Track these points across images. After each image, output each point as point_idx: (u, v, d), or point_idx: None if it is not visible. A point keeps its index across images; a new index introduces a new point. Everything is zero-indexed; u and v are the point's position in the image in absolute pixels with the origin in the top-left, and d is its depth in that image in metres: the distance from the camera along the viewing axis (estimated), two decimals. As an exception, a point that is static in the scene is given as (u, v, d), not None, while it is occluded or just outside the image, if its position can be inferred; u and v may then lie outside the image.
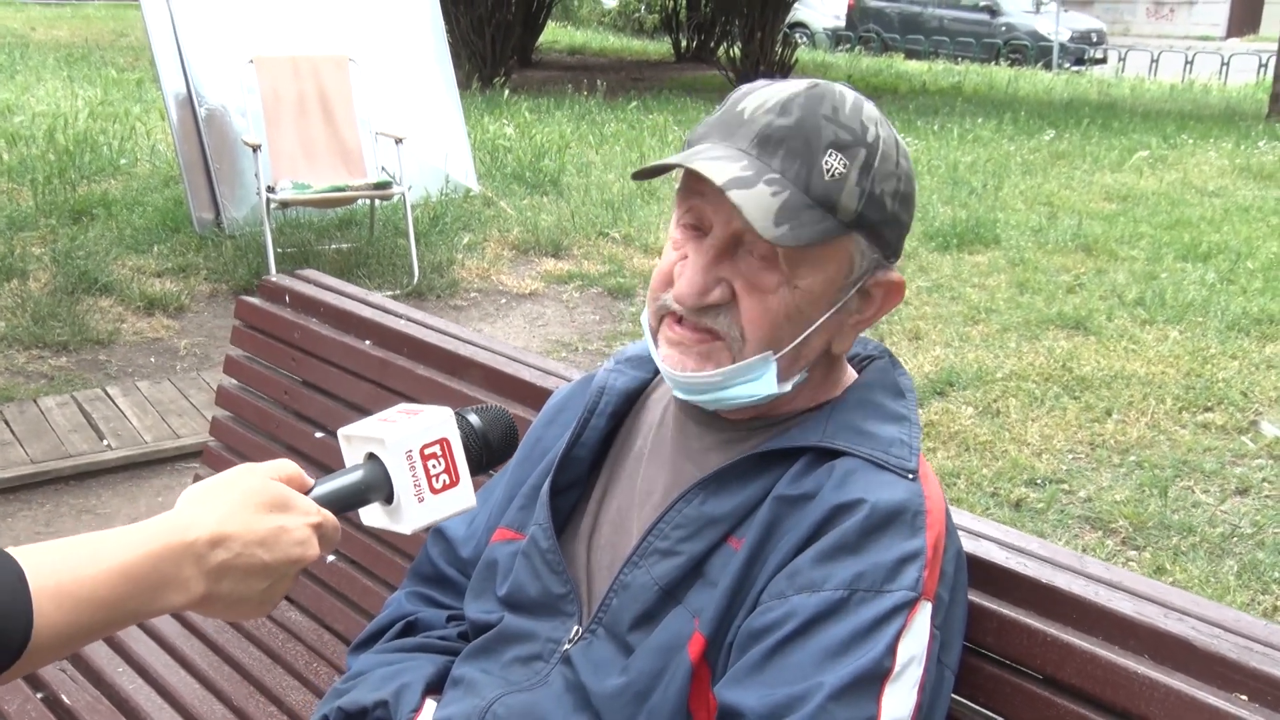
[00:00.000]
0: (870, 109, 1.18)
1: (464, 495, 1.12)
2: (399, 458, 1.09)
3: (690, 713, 1.13)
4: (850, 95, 1.18)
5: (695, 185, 1.16)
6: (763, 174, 1.12)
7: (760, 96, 1.17)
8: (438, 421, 1.12)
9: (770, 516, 1.15)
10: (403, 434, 1.10)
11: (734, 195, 1.10)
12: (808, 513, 1.13)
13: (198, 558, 0.94)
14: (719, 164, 1.12)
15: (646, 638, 1.17)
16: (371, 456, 1.11)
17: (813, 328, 1.17)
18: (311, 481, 1.08)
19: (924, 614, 1.09)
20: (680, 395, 1.24)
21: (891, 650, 1.06)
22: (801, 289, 1.15)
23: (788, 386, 1.20)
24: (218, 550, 0.94)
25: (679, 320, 1.19)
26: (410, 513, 1.10)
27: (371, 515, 1.13)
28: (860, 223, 1.15)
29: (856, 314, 1.21)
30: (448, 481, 1.11)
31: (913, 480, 1.15)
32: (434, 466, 1.10)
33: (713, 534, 1.17)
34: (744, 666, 1.09)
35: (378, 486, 1.10)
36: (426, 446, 1.10)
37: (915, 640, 1.08)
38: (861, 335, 1.33)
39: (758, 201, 1.10)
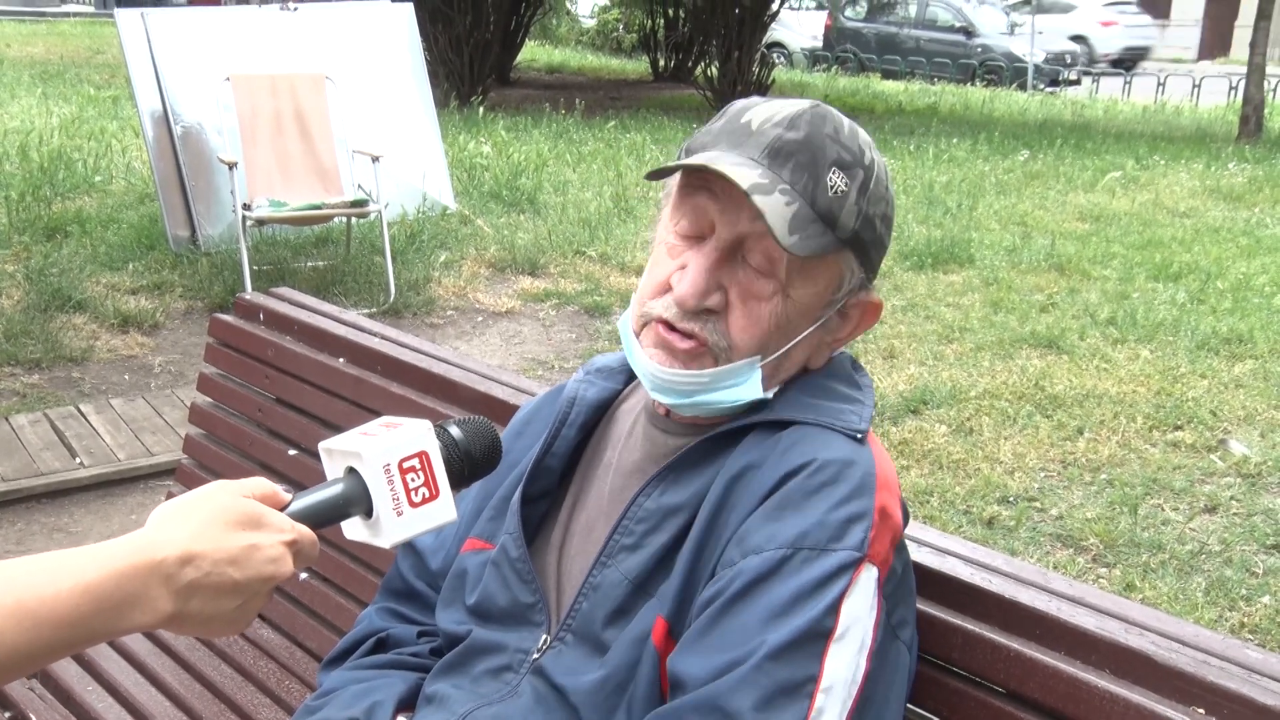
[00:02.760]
0: (864, 134, 1.23)
1: (444, 508, 1.12)
2: (377, 471, 1.09)
3: (664, 695, 1.13)
4: (846, 119, 1.22)
5: (701, 186, 1.18)
6: (776, 184, 1.15)
7: (766, 110, 1.20)
8: (416, 434, 1.11)
9: (720, 493, 1.16)
10: (380, 447, 1.09)
11: (758, 200, 1.12)
12: (757, 481, 1.15)
13: (166, 576, 0.93)
14: (739, 169, 1.14)
15: (621, 633, 1.18)
16: (351, 470, 1.11)
17: (798, 339, 1.21)
18: (287, 498, 1.07)
19: (869, 576, 1.09)
20: (662, 398, 1.24)
21: (834, 610, 1.06)
22: (793, 299, 1.18)
23: (769, 395, 1.22)
24: (187, 569, 0.94)
25: (668, 326, 1.20)
26: (389, 527, 1.09)
27: (352, 529, 1.13)
28: (855, 241, 1.19)
29: (834, 332, 1.24)
30: (427, 495, 1.11)
31: (860, 442, 1.17)
32: (413, 480, 1.10)
33: (675, 523, 1.19)
34: (692, 633, 1.11)
35: (357, 500, 1.10)
36: (405, 460, 1.10)
37: (860, 602, 1.08)
38: None
39: (775, 208, 1.13)
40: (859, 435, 1.18)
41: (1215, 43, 30.94)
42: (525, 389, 1.92)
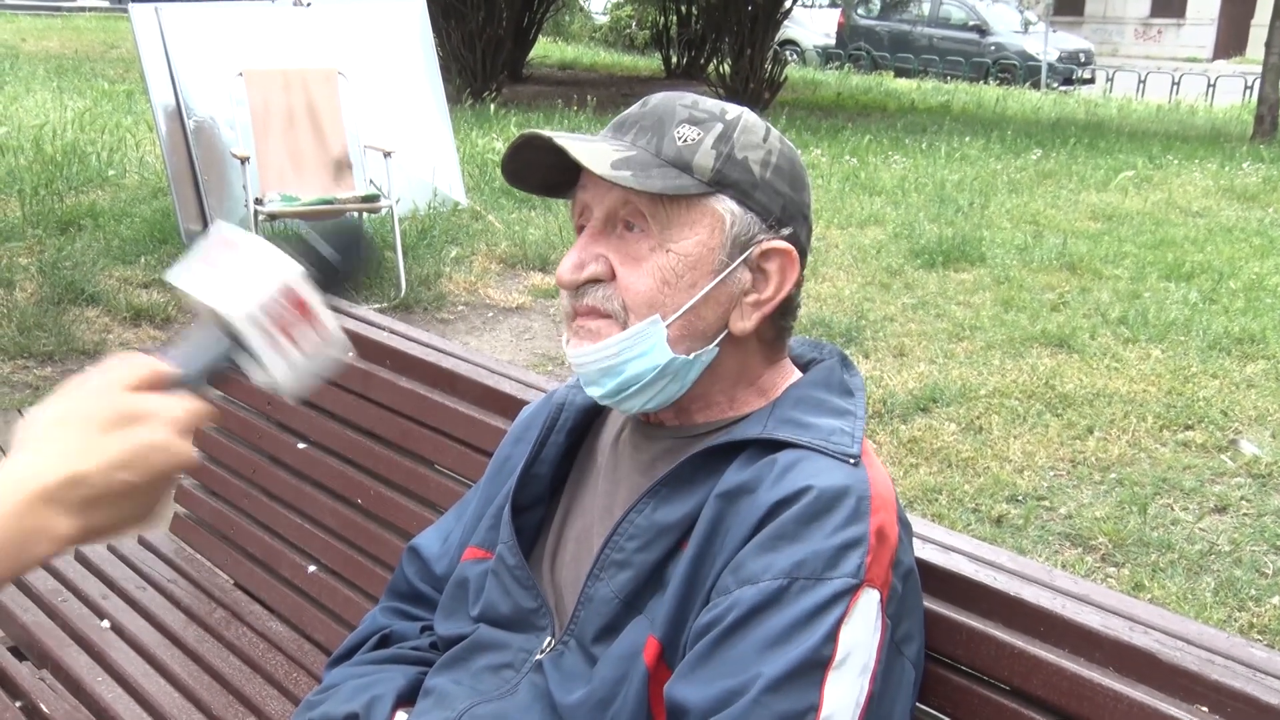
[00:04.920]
0: (737, 109, 1.23)
1: (332, 340, 1.00)
2: (250, 329, 0.96)
3: (653, 715, 1.14)
4: (717, 100, 1.23)
5: (579, 185, 1.22)
6: (607, 139, 1.19)
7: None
8: (273, 268, 0.99)
9: (713, 514, 1.15)
10: (239, 297, 0.96)
11: (561, 140, 1.15)
12: (751, 507, 1.13)
13: (57, 502, 0.86)
14: (560, 137, 1.17)
15: (609, 648, 1.18)
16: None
17: (700, 294, 1.18)
18: (167, 367, 0.95)
19: (868, 600, 1.08)
20: (593, 391, 1.23)
21: (832, 637, 1.05)
22: (675, 251, 1.17)
23: (689, 356, 1.20)
24: (78, 489, 0.87)
25: (575, 314, 1.22)
26: (284, 378, 0.98)
27: (253, 373, 0.99)
28: (721, 180, 1.18)
29: (755, 292, 1.21)
30: (314, 339, 0.99)
31: (855, 465, 1.15)
32: (288, 320, 0.97)
33: (666, 541, 1.18)
34: (689, 662, 1.10)
35: (237, 350, 0.97)
36: (273, 306, 0.97)
37: (860, 627, 1.07)
38: (817, 340, 1.34)
39: (594, 149, 1.17)
40: (853, 460, 1.16)
41: (1231, 42, 30.82)
42: (534, 384, 1.92)
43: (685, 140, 1.17)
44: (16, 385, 4.75)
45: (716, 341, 1.21)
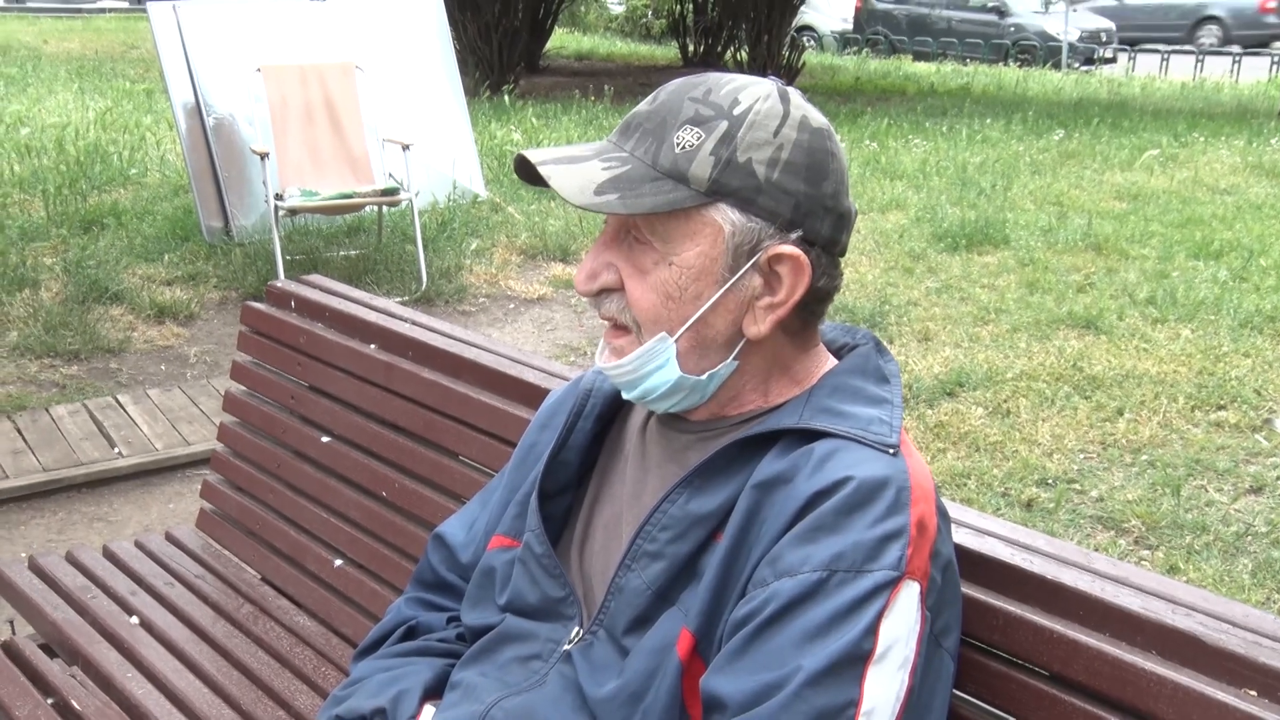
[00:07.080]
0: (760, 89, 1.17)
1: None
2: None
3: (686, 709, 1.12)
4: (741, 80, 1.18)
5: None
6: (603, 153, 1.16)
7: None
8: None
9: (749, 505, 1.13)
10: None
11: (545, 169, 1.14)
12: (788, 497, 1.11)
13: None
14: (555, 151, 1.17)
15: (640, 640, 1.16)
16: None
17: (706, 305, 1.16)
18: None
19: (909, 593, 1.06)
20: (624, 394, 1.24)
21: (872, 631, 1.03)
22: (678, 265, 1.15)
23: (702, 377, 1.19)
24: None
25: (607, 325, 1.22)
26: None
27: None
28: (719, 189, 1.14)
29: (768, 295, 1.17)
30: None
31: (894, 456, 1.13)
32: None
33: (699, 532, 1.16)
34: (726, 654, 1.08)
35: None
36: None
37: (900, 621, 1.05)
38: (849, 325, 1.31)
39: (579, 174, 1.14)
40: (892, 450, 1.13)
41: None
42: (558, 374, 1.91)
43: (683, 146, 1.13)
44: (44, 384, 4.77)
45: (734, 354, 1.19)
